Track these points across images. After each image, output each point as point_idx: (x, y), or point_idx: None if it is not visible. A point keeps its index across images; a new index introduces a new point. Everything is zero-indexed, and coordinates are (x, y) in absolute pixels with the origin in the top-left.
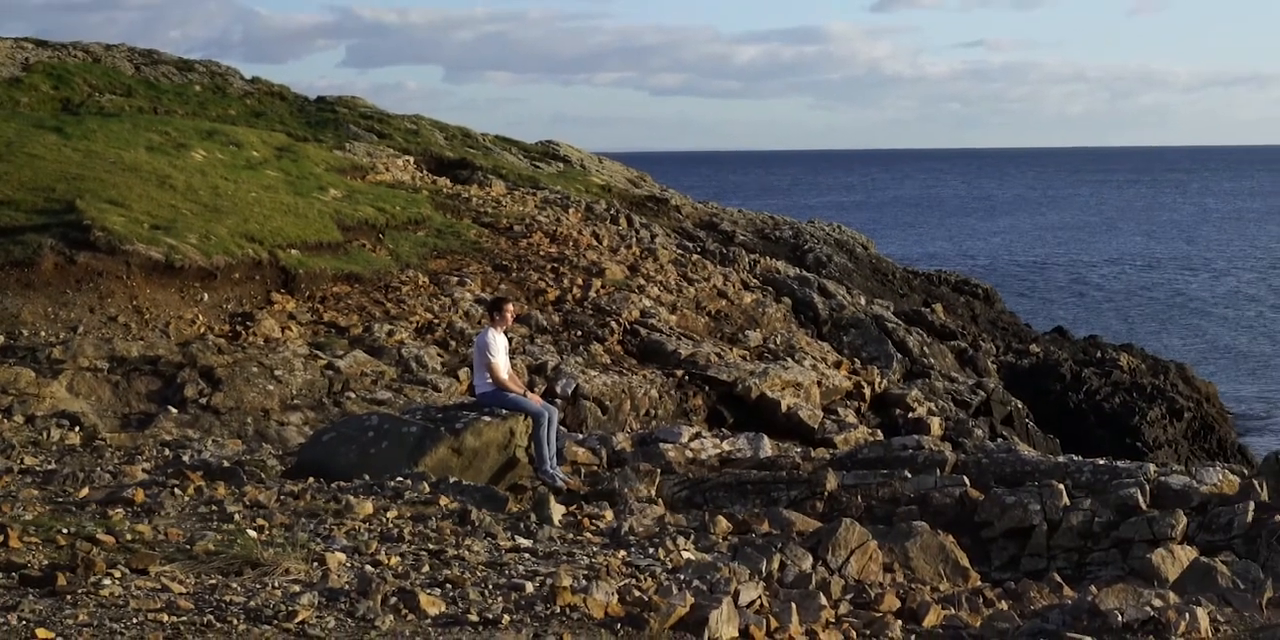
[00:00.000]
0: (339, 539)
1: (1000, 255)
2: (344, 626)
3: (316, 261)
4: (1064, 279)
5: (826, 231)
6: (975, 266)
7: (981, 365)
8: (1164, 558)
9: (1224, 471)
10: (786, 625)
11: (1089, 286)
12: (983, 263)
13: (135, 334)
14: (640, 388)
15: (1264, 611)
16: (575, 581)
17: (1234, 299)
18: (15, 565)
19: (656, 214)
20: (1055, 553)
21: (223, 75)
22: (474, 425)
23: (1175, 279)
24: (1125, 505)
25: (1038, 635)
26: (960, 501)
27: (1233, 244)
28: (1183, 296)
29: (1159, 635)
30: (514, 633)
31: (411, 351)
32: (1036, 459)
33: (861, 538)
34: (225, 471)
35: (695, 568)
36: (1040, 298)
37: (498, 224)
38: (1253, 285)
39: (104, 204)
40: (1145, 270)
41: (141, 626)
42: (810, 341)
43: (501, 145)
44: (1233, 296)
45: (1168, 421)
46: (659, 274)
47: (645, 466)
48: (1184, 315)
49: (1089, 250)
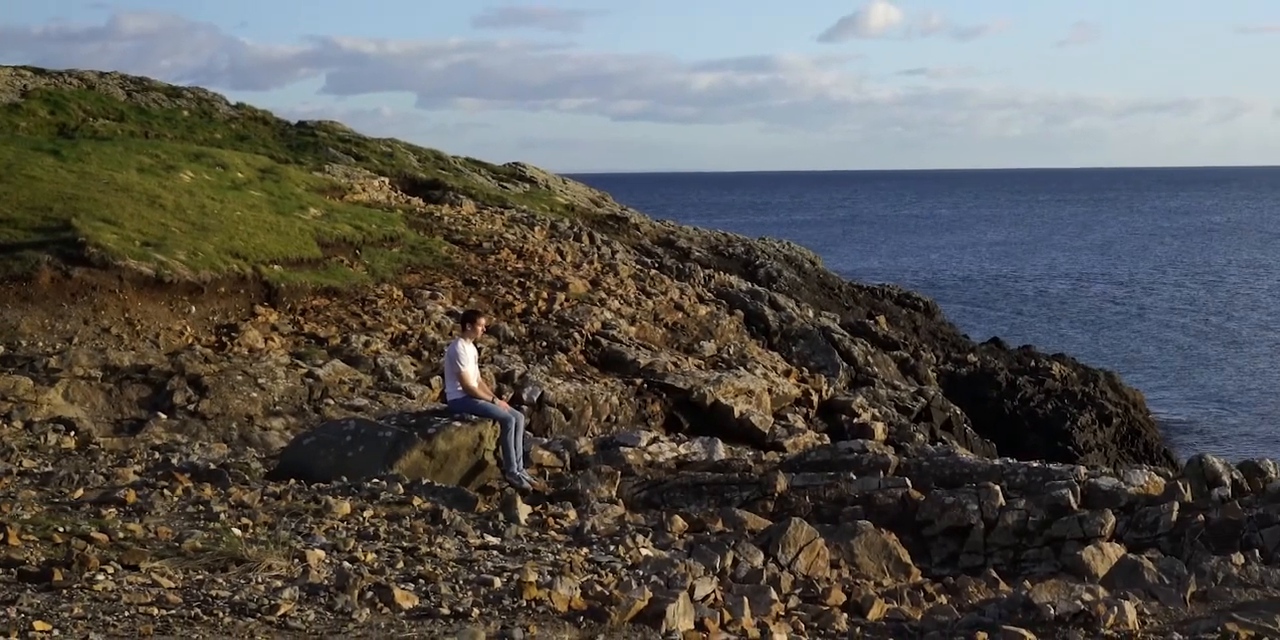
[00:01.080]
0: (319, 537)
1: (940, 270)
2: (323, 619)
3: (297, 276)
4: (1000, 292)
5: (777, 248)
6: (917, 280)
7: (922, 374)
8: (1094, 555)
9: (1150, 474)
10: (739, 618)
11: (1024, 299)
12: (924, 277)
13: (127, 344)
14: (602, 395)
15: (1188, 605)
16: (540, 577)
17: (1160, 311)
18: (14, 562)
19: (617, 232)
20: (992, 550)
21: (209, 101)
22: (445, 430)
23: (1105, 292)
24: (1057, 505)
25: (975, 628)
26: (902, 502)
27: (1159, 259)
28: (1112, 309)
29: (1089, 628)
30: (483, 625)
31: (387, 361)
32: (974, 462)
33: (809, 536)
34: (212, 474)
35: (653, 564)
36: (978, 310)
37: (468, 241)
38: (1178, 298)
39: (98, 222)
40: (1077, 284)
41: (133, 619)
42: (761, 351)
43: (471, 167)
44: (1159, 309)
45: (1097, 427)
46: (619, 288)
47: (606, 469)
48: (1113, 326)
49: (1025, 265)
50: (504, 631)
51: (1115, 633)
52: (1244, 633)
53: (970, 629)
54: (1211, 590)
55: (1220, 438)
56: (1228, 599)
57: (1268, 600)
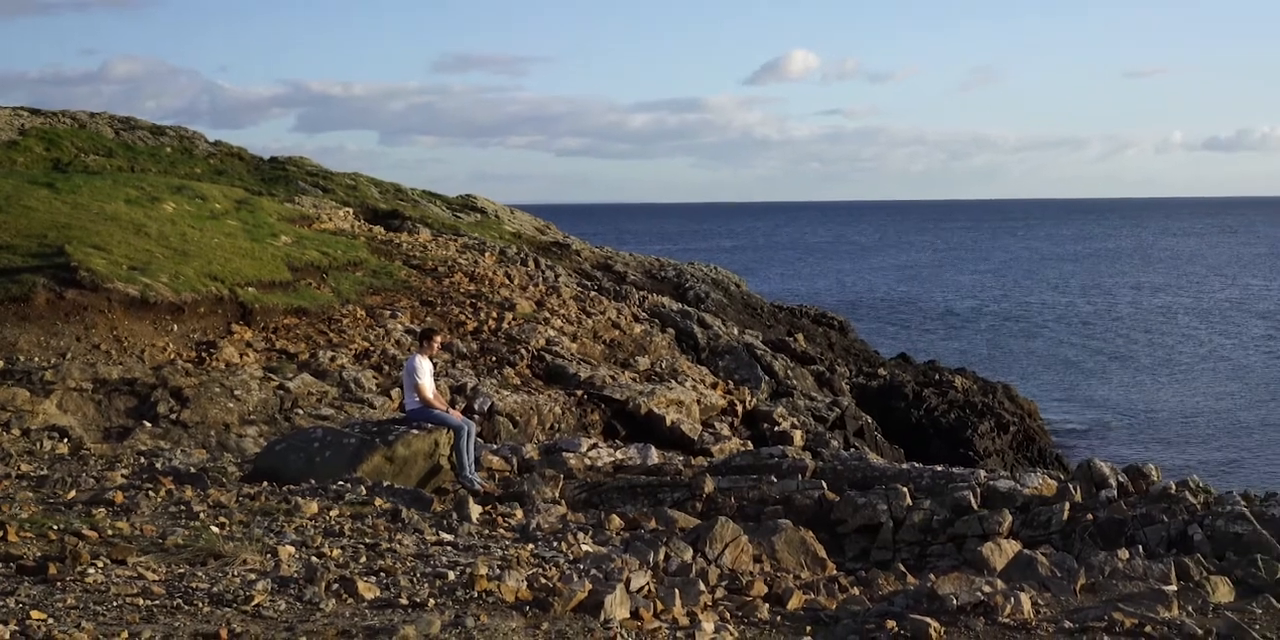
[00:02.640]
0: (289, 534)
1: (854, 292)
2: (293, 609)
3: (270, 297)
4: (908, 312)
5: (705, 272)
6: (832, 301)
7: (837, 386)
8: (992, 550)
9: (1043, 476)
10: (671, 608)
11: (930, 318)
12: (839, 298)
13: (115, 359)
14: (546, 405)
15: (1078, 596)
16: (490, 570)
17: (1053, 328)
18: (13, 557)
19: (560, 257)
20: (900, 546)
21: (190, 139)
22: (404, 437)
23: (1003, 311)
24: (959, 505)
25: (885, 617)
26: (819, 502)
27: (1052, 281)
28: (1009, 326)
29: (988, 617)
30: (438, 614)
31: (351, 374)
32: (884, 466)
33: (734, 533)
34: (192, 477)
35: (593, 559)
36: (887, 328)
37: (424, 266)
38: (1069, 317)
39: (89, 248)
40: (978, 303)
41: (121, 609)
42: (691, 366)
43: (427, 198)
44: (1052, 326)
45: (995, 434)
46: (562, 308)
47: (550, 472)
48: (1010, 342)
49: (930, 287)
50: (457, 620)
51: (1012, 621)
52: (1128, 621)
53: (880, 618)
54: (1099, 582)
55: (1107, 443)
56: (1114, 590)
57: (1150, 592)
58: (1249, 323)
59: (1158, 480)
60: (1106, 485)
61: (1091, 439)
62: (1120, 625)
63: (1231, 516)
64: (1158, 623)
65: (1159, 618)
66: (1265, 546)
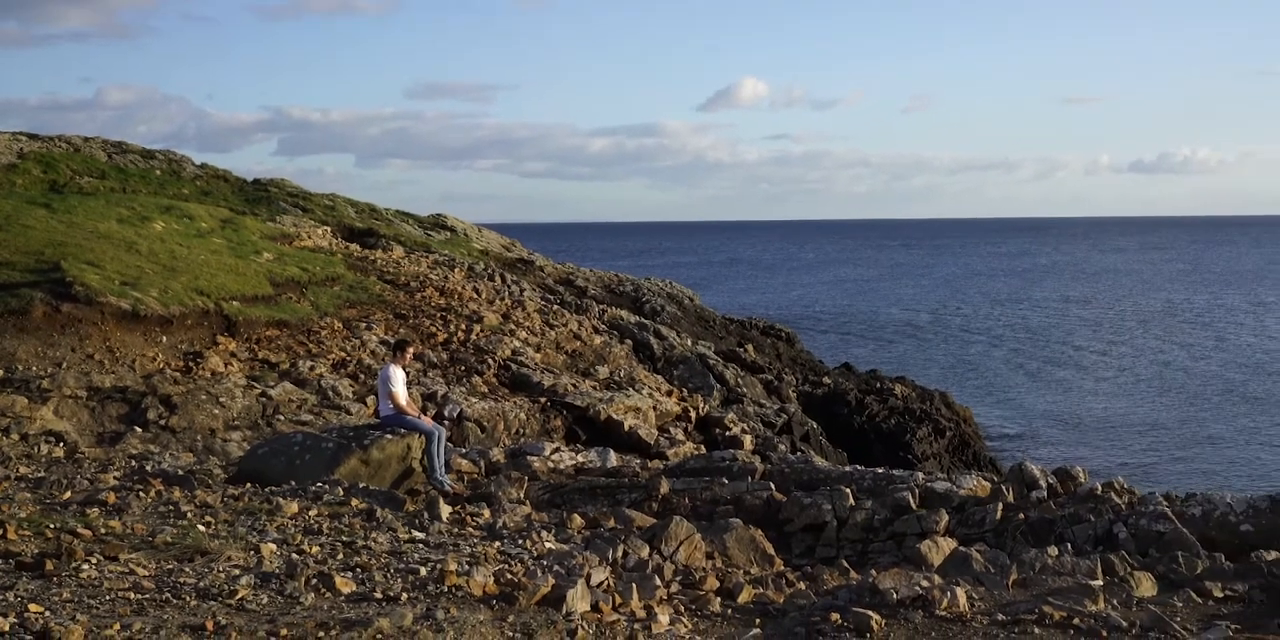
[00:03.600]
0: (271, 532)
1: (801, 305)
2: (275, 602)
3: (253, 311)
4: (852, 324)
5: (660, 286)
6: (780, 314)
7: (784, 394)
8: (930, 547)
9: (978, 478)
10: (629, 601)
11: (872, 329)
12: (786, 311)
13: (108, 369)
14: (511, 411)
15: (1010, 590)
16: (459, 566)
17: (987, 339)
18: (12, 553)
19: (524, 273)
20: (843, 543)
21: (178, 162)
22: (379, 442)
23: (940, 323)
24: (899, 505)
25: (829, 610)
26: (767, 502)
27: (986, 295)
28: (946, 337)
29: (926, 609)
30: (411, 607)
31: (329, 383)
32: (828, 468)
33: (688, 531)
34: (180, 479)
35: (555, 555)
36: (832, 339)
37: (397, 281)
38: (1001, 328)
39: (83, 265)
40: (917, 316)
41: (113, 603)
42: (647, 375)
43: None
44: (986, 337)
45: (933, 438)
46: (526, 321)
47: (515, 475)
48: (947, 352)
49: (873, 301)
50: (428, 613)
51: (948, 614)
52: (1057, 614)
53: (825, 611)
54: (1030, 578)
55: (1038, 447)
56: (1044, 585)
57: (1077, 586)
58: (1171, 334)
59: (1085, 482)
60: (1037, 487)
61: (1023, 443)
62: (1050, 618)
63: (1154, 516)
64: (1085, 615)
65: (1086, 611)
66: (1185, 544)
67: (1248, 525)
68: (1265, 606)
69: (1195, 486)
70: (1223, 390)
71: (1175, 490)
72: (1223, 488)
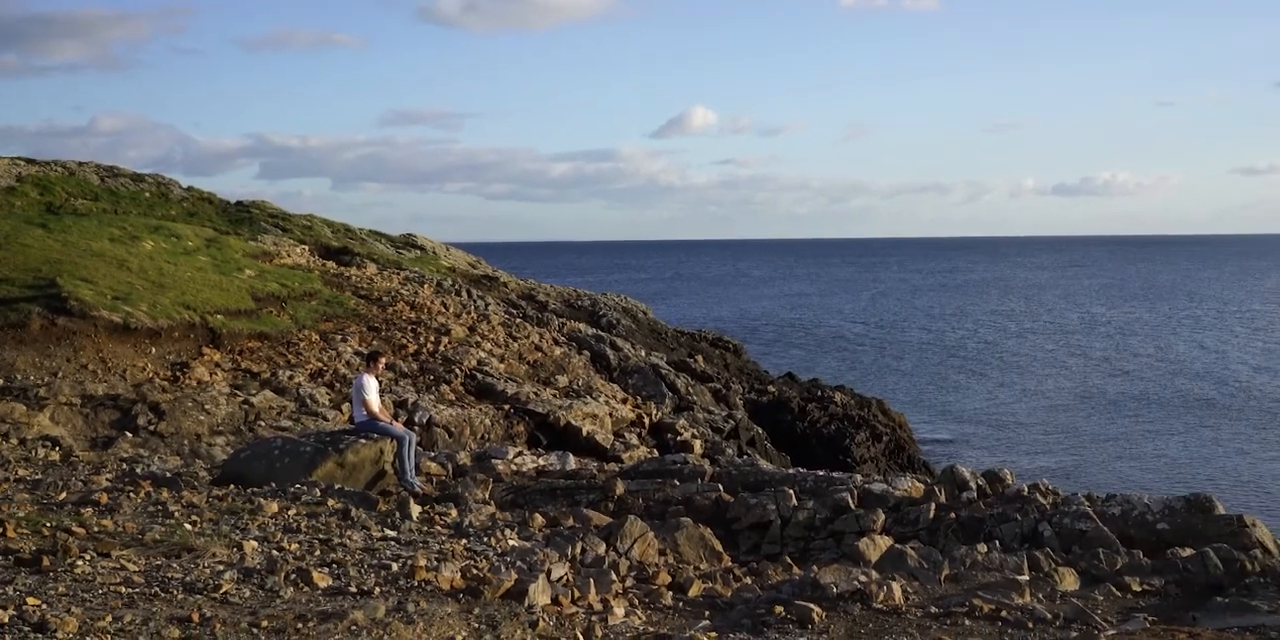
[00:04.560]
0: (253, 530)
1: (747, 318)
2: (257, 596)
3: (236, 324)
4: (795, 335)
5: (616, 301)
6: (727, 326)
7: (732, 401)
8: (868, 545)
9: (912, 480)
10: (586, 595)
11: (813, 341)
12: (734, 323)
13: (100, 378)
14: (477, 418)
15: (942, 585)
16: (429, 562)
17: (921, 350)
18: (11, 550)
19: (489, 288)
20: (787, 541)
21: (166, 185)
22: (353, 446)
23: (879, 335)
24: (839, 505)
25: (773, 602)
26: (716, 503)
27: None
28: (884, 348)
29: (864, 603)
30: (383, 600)
31: (307, 391)
32: (773, 471)
33: (642, 530)
34: (168, 480)
35: (518, 552)
36: (776, 350)
37: (371, 296)
38: (935, 340)
39: (78, 281)
40: (856, 328)
41: (105, 596)
42: (604, 383)
43: (374, 237)
44: (920, 348)
45: (870, 443)
46: (491, 333)
47: (481, 477)
48: (884, 362)
49: (815, 314)
50: (400, 605)
51: (885, 607)
52: (986, 606)
53: (770, 603)
54: (961, 573)
55: (968, 451)
56: (974, 580)
57: (1005, 581)
58: (1092, 344)
59: (1012, 483)
60: (967, 488)
61: (954, 447)
62: (979, 610)
63: (1076, 515)
64: (1012, 608)
65: (1013, 604)
66: (1106, 541)
67: (1164, 524)
68: (1180, 600)
69: (1115, 488)
70: (1140, 397)
71: (1096, 491)
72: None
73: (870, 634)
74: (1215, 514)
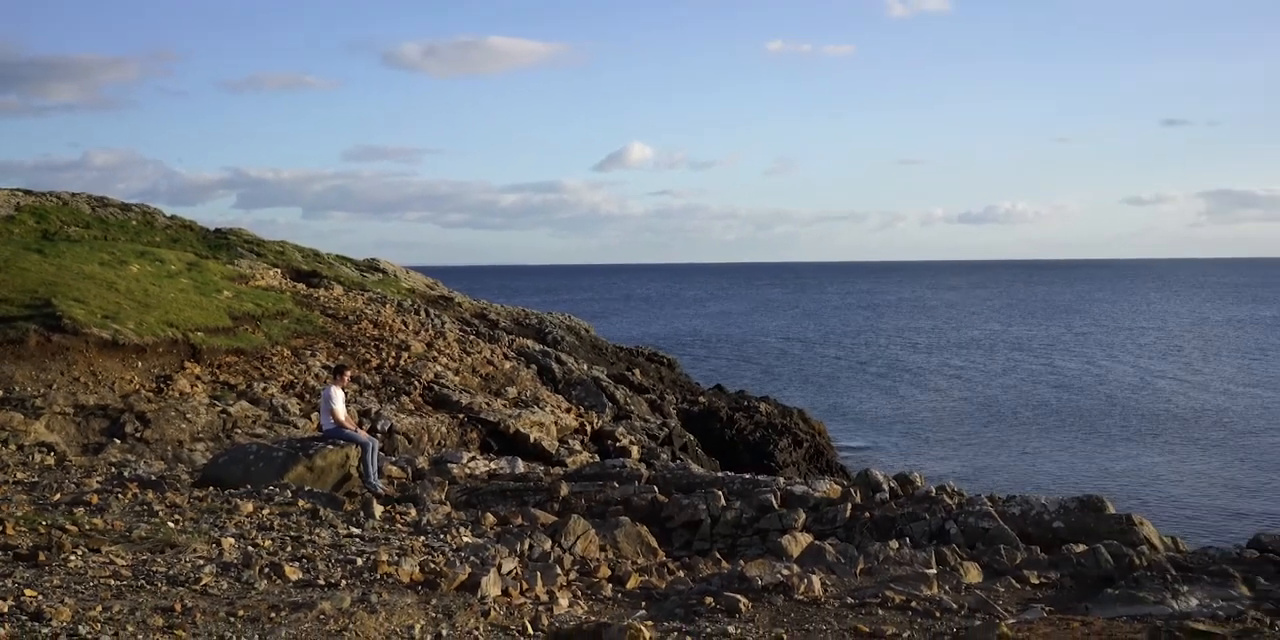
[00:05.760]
0: (230, 528)
1: (680, 334)
2: (234, 588)
3: (215, 340)
4: (724, 351)
5: (561, 320)
6: (662, 342)
7: (666, 411)
8: (790, 541)
9: (830, 483)
10: (534, 587)
11: (741, 355)
12: (668, 339)
13: (91, 389)
14: (434, 426)
15: (858, 578)
16: (390, 557)
17: (838, 364)
18: (10, 546)
19: (445, 308)
20: (716, 538)
21: (151, 214)
22: (322, 451)
23: (800, 349)
24: (764, 505)
25: (704, 594)
26: (652, 503)
27: (839, 326)
28: (806, 361)
29: (786, 594)
30: (349, 592)
31: (279, 401)
32: (703, 474)
33: (585, 527)
34: (153, 483)
35: (472, 548)
36: (707, 363)
37: (338, 315)
38: (852, 354)
39: (71, 301)
40: (779, 343)
41: (96, 588)
42: (550, 395)
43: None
44: (838, 362)
45: (792, 449)
46: (447, 349)
47: (438, 479)
48: (805, 375)
49: (743, 331)
50: (364, 596)
51: (805, 598)
52: (898, 597)
53: (700, 594)
54: (875, 567)
55: (881, 455)
56: (886, 573)
57: (915, 574)
58: (993, 357)
59: (921, 485)
60: (880, 490)
61: (869, 452)
62: (892, 601)
63: (980, 514)
64: (921, 599)
65: (922, 595)
66: (1006, 538)
67: (1059, 523)
68: (1074, 591)
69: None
70: (1038, 406)
71: (998, 493)
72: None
73: (792, 623)
74: (1106, 513)
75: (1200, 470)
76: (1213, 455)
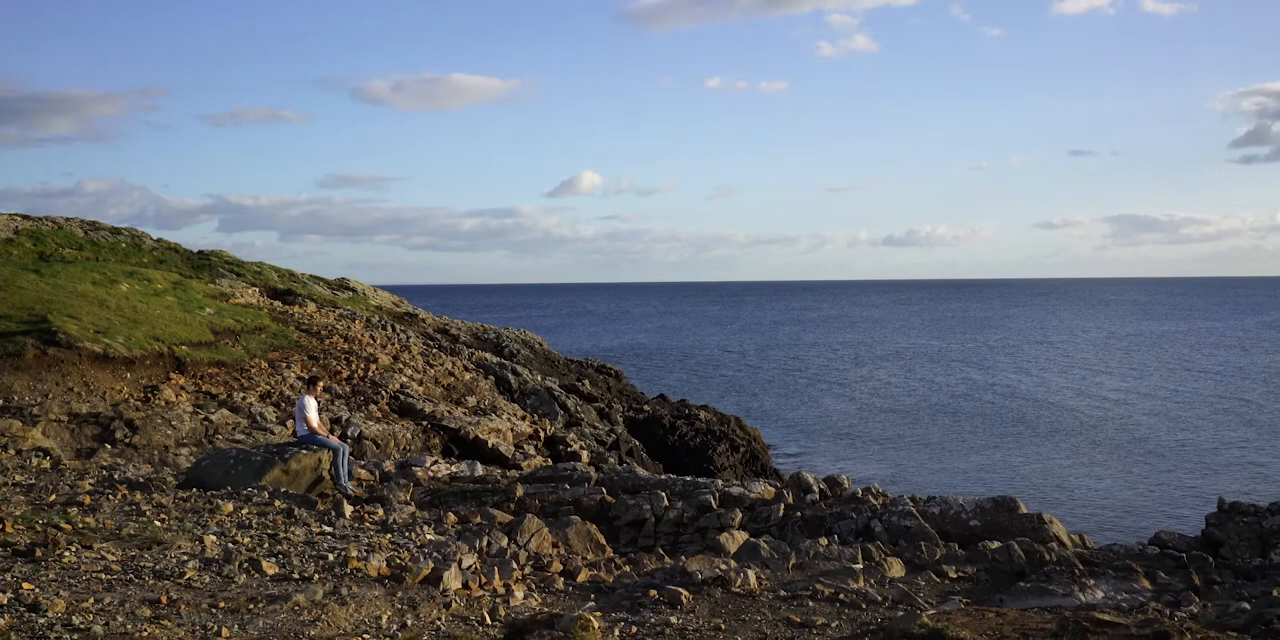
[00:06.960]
0: (212, 527)
1: (626, 348)
2: (215, 581)
3: (198, 353)
4: (668, 362)
5: (517, 334)
6: (610, 355)
7: (613, 418)
8: (728, 538)
9: (765, 485)
10: (492, 580)
11: (683, 367)
12: (615, 352)
13: (84, 399)
14: (400, 432)
15: (790, 572)
16: (359, 553)
17: (772, 375)
18: (9, 543)
19: (410, 323)
20: (660, 535)
21: (139, 237)
22: (296, 455)
23: (736, 360)
24: (703, 505)
25: (648, 587)
26: (601, 503)
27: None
28: (743, 372)
29: (725, 587)
30: (321, 585)
31: (257, 410)
32: (648, 476)
33: (539, 526)
34: (141, 485)
35: (434, 544)
36: (651, 374)
37: (311, 330)
38: (788, 366)
39: (65, 317)
40: (718, 356)
41: (89, 582)
42: (506, 403)
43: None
44: (775, 373)
45: (729, 453)
46: (412, 361)
47: (403, 481)
48: (741, 384)
49: (685, 344)
50: (335, 589)
51: (742, 591)
52: (827, 590)
53: (645, 588)
54: (806, 562)
55: (812, 459)
56: (816, 568)
57: (842, 569)
58: (916, 368)
59: (848, 487)
60: (811, 491)
61: (800, 457)
62: (821, 594)
63: (903, 514)
64: (848, 591)
65: (849, 588)
66: (927, 536)
67: (976, 521)
68: (989, 585)
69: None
70: (956, 413)
71: (919, 493)
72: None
73: (730, 614)
74: (1019, 512)
75: (1105, 472)
76: (1116, 458)
